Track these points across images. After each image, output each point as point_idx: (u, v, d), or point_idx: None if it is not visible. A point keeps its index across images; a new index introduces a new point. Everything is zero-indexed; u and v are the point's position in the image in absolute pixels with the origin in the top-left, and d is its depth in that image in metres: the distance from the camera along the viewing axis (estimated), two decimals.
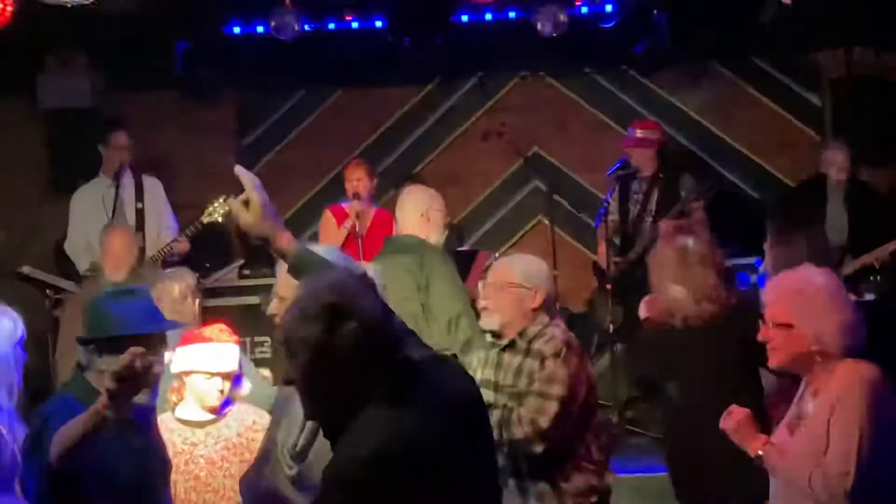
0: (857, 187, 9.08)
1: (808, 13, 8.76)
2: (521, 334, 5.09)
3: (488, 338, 5.30)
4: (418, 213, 6.46)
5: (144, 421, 4.17)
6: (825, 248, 6.57)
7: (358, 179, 8.76)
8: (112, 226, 8.45)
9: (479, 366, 5.23)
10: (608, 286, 8.96)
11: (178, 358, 5.26)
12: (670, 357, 5.50)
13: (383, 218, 8.97)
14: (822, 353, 3.89)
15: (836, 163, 9.02)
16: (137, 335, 3.96)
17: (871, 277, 8.34)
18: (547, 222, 10.12)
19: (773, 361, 4.01)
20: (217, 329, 5.37)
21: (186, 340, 5.32)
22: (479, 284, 5.53)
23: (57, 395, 4.13)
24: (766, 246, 6.32)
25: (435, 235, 6.48)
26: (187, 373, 5.29)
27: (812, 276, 4.05)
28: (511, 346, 5.11)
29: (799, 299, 3.95)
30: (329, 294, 3.07)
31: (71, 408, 3.83)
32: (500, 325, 5.11)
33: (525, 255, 5.55)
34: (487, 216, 10.97)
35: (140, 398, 3.85)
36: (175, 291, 6.55)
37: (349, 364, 3.02)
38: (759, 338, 4.01)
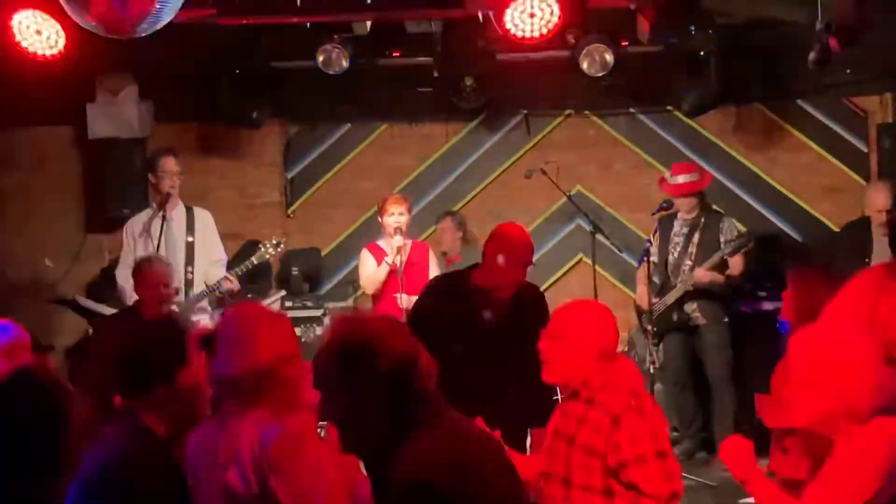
0: None
1: (855, 58, 8.74)
2: (584, 384, 4.78)
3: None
4: None
5: None
6: None
7: (400, 214, 8.79)
8: (148, 258, 8.16)
9: None
10: (648, 327, 8.95)
11: None
12: None
13: (420, 250, 9.01)
14: (849, 412, 3.71)
15: (877, 203, 8.94)
16: None
17: None
18: (589, 261, 10.12)
19: (799, 422, 3.87)
20: None
21: None
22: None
23: None
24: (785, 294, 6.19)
25: None
26: None
27: (835, 332, 3.91)
28: (574, 395, 4.83)
29: (823, 356, 3.78)
30: (357, 335, 3.26)
31: None
32: (561, 377, 4.86)
33: (583, 300, 5.36)
34: None
35: None
36: None
37: (381, 400, 3.20)
38: (785, 395, 3.87)
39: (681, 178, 9.28)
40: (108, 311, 8.76)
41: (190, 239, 8.83)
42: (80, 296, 9.16)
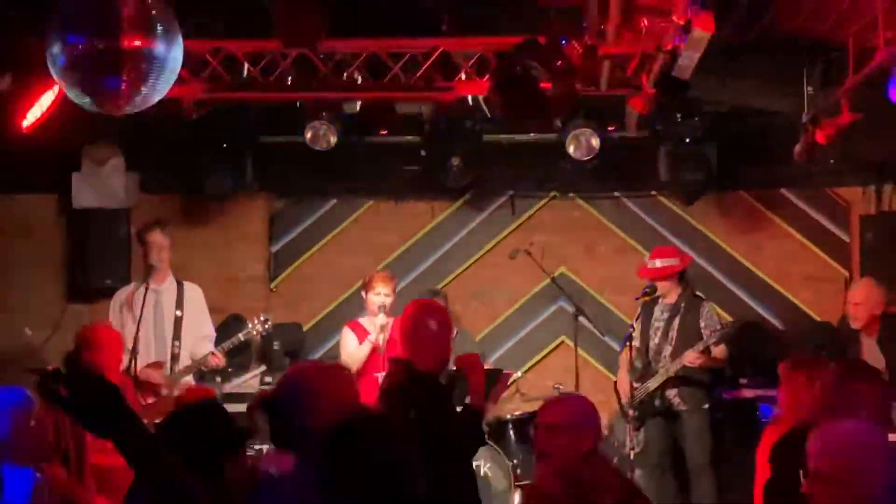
0: (888, 322, 8.95)
1: (839, 149, 8.82)
2: (577, 483, 4.76)
3: None
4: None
5: None
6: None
7: (387, 294, 8.77)
8: (98, 323, 8.18)
9: None
10: (630, 412, 8.94)
11: None
12: None
13: None
14: None
15: (852, 299, 9.00)
16: None
17: None
18: (571, 343, 10.12)
19: None
20: None
21: None
22: (531, 429, 5.18)
23: None
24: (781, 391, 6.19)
25: None
26: None
27: (861, 431, 3.91)
28: (569, 494, 4.77)
29: (846, 455, 3.78)
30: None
31: None
32: (554, 472, 4.79)
33: (572, 394, 5.32)
34: (511, 334, 10.96)
35: None
36: None
37: None
38: (803, 489, 3.86)
39: (658, 262, 9.29)
40: None
41: (178, 313, 8.81)
42: (56, 366, 9.06)
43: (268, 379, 9.78)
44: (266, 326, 8.89)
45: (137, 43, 5.18)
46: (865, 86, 7.29)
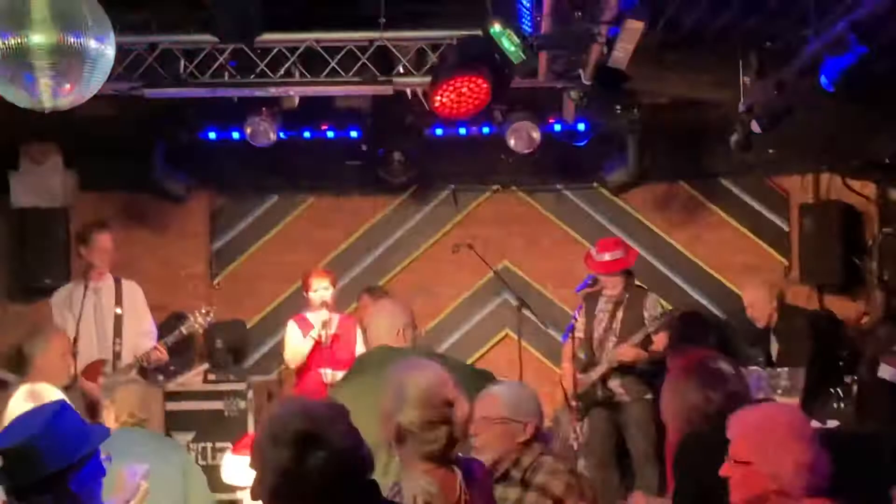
0: (784, 318, 9.21)
1: (776, 138, 8.90)
2: (515, 464, 4.70)
3: None
4: (395, 330, 6.25)
5: None
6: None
7: (325, 288, 8.78)
8: (50, 331, 8.12)
9: None
10: (573, 403, 8.96)
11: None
12: None
13: (347, 324, 8.98)
14: (781, 492, 3.72)
15: (746, 303, 9.30)
16: None
17: (835, 405, 8.33)
18: (514, 336, 10.15)
19: (734, 499, 3.86)
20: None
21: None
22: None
23: None
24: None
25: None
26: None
27: (773, 413, 3.96)
28: (504, 477, 4.70)
29: (757, 436, 3.80)
30: (300, 421, 3.10)
31: None
32: (491, 462, 4.63)
33: (513, 383, 5.25)
34: (455, 328, 10.99)
35: None
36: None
37: (316, 491, 3.06)
38: (721, 474, 3.89)
39: (607, 256, 9.29)
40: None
41: (118, 311, 8.74)
42: None
43: (211, 377, 9.74)
44: (208, 318, 8.84)
45: (70, 38, 5.13)
46: (800, 75, 7.34)
